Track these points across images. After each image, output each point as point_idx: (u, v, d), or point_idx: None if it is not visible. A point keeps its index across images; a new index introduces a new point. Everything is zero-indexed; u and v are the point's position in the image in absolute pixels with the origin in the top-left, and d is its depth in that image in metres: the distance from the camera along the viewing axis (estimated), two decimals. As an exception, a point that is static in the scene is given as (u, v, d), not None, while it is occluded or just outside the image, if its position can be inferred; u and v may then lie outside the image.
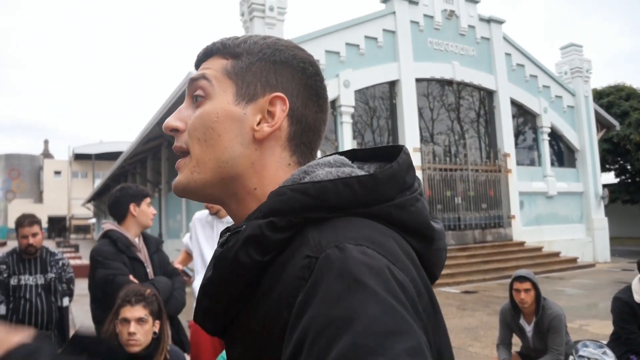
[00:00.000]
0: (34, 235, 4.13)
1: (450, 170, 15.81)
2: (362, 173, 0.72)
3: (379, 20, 15.19)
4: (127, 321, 2.59)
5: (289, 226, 0.68)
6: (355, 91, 14.51)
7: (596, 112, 20.44)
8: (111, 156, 50.40)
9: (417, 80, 15.76)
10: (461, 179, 15.95)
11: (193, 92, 0.83)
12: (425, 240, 0.75)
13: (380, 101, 15.67)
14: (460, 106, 17.29)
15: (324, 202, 0.68)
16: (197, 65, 0.88)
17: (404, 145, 0.78)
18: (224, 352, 3.14)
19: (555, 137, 19.42)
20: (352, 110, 14.40)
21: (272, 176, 0.80)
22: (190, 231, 3.68)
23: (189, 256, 4.11)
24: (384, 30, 15.22)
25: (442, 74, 16.21)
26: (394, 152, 0.80)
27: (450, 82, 16.64)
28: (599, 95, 27.68)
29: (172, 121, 0.83)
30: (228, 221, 3.61)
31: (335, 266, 0.60)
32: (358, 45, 14.66)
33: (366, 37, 14.84)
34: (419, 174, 15.04)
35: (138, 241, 3.34)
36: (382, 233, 0.68)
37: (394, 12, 15.39)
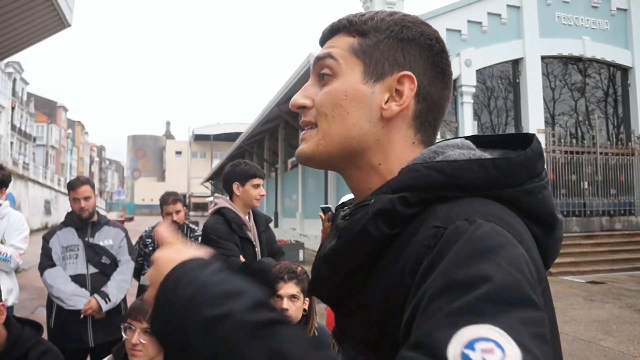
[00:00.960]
0: (177, 212, 4.37)
1: (576, 153, 14.93)
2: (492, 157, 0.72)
3: (503, -4, 14.58)
4: (280, 297, 2.65)
5: (419, 202, 0.70)
6: (476, 70, 14.07)
7: None
8: (228, 137, 52.53)
9: (543, 57, 14.99)
10: (588, 163, 15.02)
11: (319, 71, 0.84)
12: (546, 228, 0.75)
13: (498, 81, 15.10)
14: (586, 85, 16.25)
15: (458, 181, 0.69)
16: (322, 42, 0.88)
17: (534, 135, 0.77)
18: None
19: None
20: (474, 90, 14.01)
21: (397, 154, 0.81)
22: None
23: None
24: (508, 5, 14.62)
25: (570, 51, 15.29)
26: (517, 140, 0.80)
27: (578, 59, 15.67)
28: None
29: (299, 99, 0.85)
30: None
31: (464, 236, 0.61)
32: (480, 23, 14.20)
33: (489, 13, 14.33)
34: (542, 156, 14.34)
35: (248, 219, 3.35)
36: (510, 214, 0.68)
37: (519, -14, 14.71)
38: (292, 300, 2.66)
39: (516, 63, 14.92)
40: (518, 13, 14.73)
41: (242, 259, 3.17)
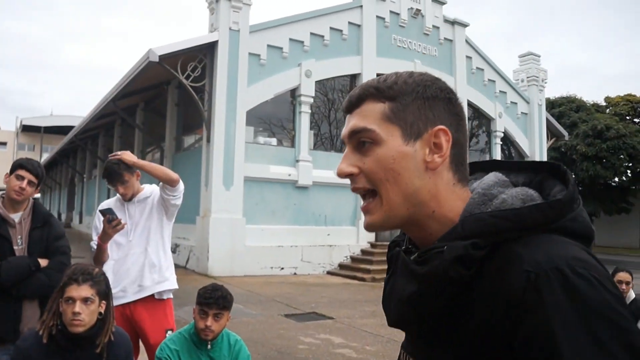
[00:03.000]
0: None
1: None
2: (536, 195, 0.89)
3: (346, 13, 15.20)
4: (72, 300, 2.48)
5: (488, 245, 0.82)
6: (316, 82, 14.50)
7: (547, 121, 21.06)
8: (62, 130, 48.71)
9: (378, 75, 15.75)
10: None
11: (358, 141, 0.93)
12: (588, 241, 0.87)
13: (339, 94, 15.69)
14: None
15: (521, 225, 0.82)
16: (350, 108, 0.97)
17: (562, 165, 0.94)
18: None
19: (508, 142, 19.92)
20: (312, 100, 14.39)
21: (445, 198, 0.91)
22: (99, 219, 3.62)
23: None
24: (350, 23, 15.25)
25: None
26: (533, 165, 0.98)
27: (410, 80, 16.77)
28: (551, 105, 28.38)
29: (345, 168, 0.94)
30: (138, 200, 3.66)
31: (559, 282, 0.74)
32: (323, 36, 14.64)
33: (331, 28, 14.83)
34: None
35: (22, 214, 3.19)
36: (573, 246, 0.81)
37: (361, 6, 15.44)
38: (85, 303, 2.49)
39: (354, 78, 15.60)
40: (358, 31, 15.42)
41: None
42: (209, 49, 12.97)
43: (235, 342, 3.11)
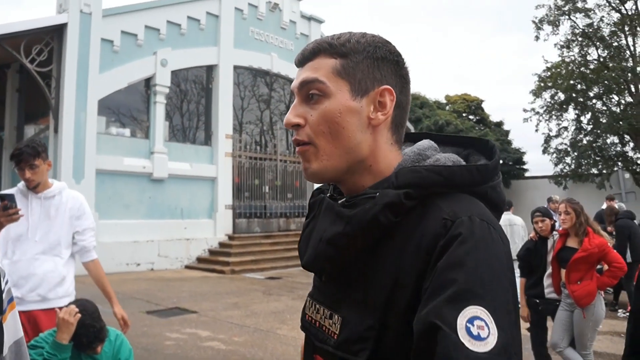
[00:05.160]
0: None
1: (260, 159, 16.20)
2: (461, 160, 0.98)
3: (204, 3, 14.98)
4: None
5: (418, 196, 0.89)
6: (172, 72, 14.16)
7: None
8: None
9: (235, 67, 15.85)
10: (269, 169, 16.44)
11: (307, 92, 0.97)
12: (499, 212, 0.99)
13: (192, 85, 15.45)
14: (272, 98, 17.77)
15: (451, 182, 0.90)
16: (302, 61, 1.00)
17: (490, 141, 1.03)
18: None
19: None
20: (167, 90, 14.03)
21: (382, 155, 0.98)
22: None
23: None
24: (208, 13, 15.06)
25: (260, 64, 16.50)
26: (463, 140, 1.07)
27: (267, 73, 17.01)
28: (397, 102, 30.17)
29: (293, 119, 0.98)
30: (45, 196, 3.38)
31: (467, 230, 0.83)
32: (180, 25, 14.31)
33: (189, 17, 14.54)
34: (229, 160, 15.19)
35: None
36: (486, 209, 0.91)
37: (220, -4, 15.30)
38: None
39: (210, 69, 15.44)
40: (216, 22, 15.27)
41: None
42: (58, 31, 12.09)
43: (116, 336, 3.05)
